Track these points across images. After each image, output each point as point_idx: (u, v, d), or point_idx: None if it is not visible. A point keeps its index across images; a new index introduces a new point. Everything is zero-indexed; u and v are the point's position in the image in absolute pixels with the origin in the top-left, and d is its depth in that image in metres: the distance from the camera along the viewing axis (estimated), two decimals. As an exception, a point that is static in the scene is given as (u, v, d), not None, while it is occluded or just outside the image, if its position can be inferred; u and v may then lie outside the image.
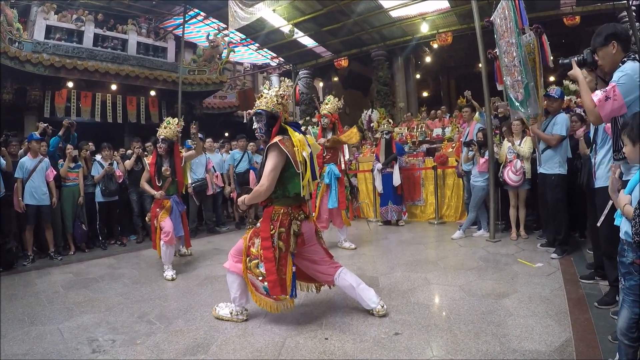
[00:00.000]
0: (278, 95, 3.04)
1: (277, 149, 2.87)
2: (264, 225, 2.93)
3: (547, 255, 4.47)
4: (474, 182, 5.67)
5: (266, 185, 2.83)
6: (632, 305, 1.94)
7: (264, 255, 2.86)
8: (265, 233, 2.90)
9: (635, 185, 1.97)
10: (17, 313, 3.52)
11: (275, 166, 2.85)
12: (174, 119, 4.91)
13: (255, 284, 3.01)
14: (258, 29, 11.76)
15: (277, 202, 2.97)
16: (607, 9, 9.67)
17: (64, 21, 10.84)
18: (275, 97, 3.03)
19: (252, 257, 2.95)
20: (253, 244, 2.98)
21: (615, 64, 2.39)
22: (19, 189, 5.33)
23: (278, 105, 3.03)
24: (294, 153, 2.88)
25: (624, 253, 1.96)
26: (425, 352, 2.49)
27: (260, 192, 2.86)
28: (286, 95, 3.09)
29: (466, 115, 6.23)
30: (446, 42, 11.41)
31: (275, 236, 2.88)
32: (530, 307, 3.07)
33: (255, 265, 2.93)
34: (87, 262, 5.50)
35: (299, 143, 2.94)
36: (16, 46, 9.13)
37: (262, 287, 2.95)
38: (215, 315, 3.21)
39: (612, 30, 2.43)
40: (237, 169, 7.69)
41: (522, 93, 4.71)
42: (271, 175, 2.84)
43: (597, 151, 3.25)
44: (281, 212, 2.92)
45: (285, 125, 3.05)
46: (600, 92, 2.31)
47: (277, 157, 2.86)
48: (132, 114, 11.47)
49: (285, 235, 2.90)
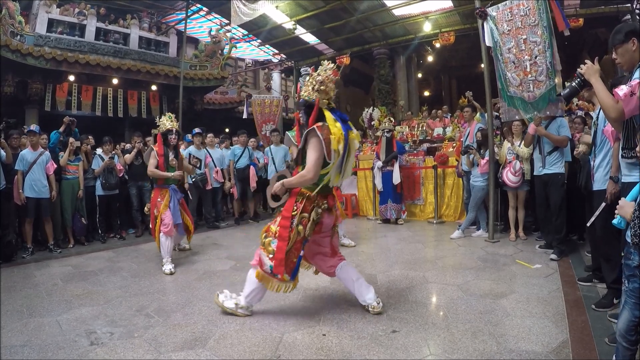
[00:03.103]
0: (316, 81, 2.91)
1: (315, 136, 2.79)
2: (288, 203, 2.92)
3: (546, 257, 4.48)
4: (473, 182, 5.68)
5: (311, 176, 2.79)
6: (633, 308, 1.93)
7: (280, 233, 2.86)
8: (287, 212, 2.88)
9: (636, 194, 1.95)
10: (16, 305, 3.53)
11: (319, 154, 2.78)
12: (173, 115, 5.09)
13: (263, 260, 2.95)
14: (260, 25, 11.74)
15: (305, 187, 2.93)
16: (610, 12, 9.65)
17: (66, 15, 10.81)
18: (311, 84, 2.92)
19: (269, 234, 2.95)
20: (275, 222, 2.97)
21: (634, 62, 2.36)
22: (19, 182, 5.33)
23: (314, 93, 2.90)
24: (329, 141, 2.77)
25: (629, 256, 1.95)
26: (422, 350, 2.50)
27: (304, 179, 2.82)
28: (326, 80, 2.89)
29: (467, 115, 6.24)
30: (449, 42, 11.37)
31: (295, 218, 2.85)
32: (527, 308, 3.08)
33: (269, 243, 2.92)
34: (86, 255, 5.51)
35: (337, 132, 2.80)
36: (18, 39, 9.11)
37: (269, 266, 2.91)
38: (218, 303, 3.17)
39: (632, 28, 2.40)
40: (238, 165, 7.70)
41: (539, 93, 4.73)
42: (316, 165, 2.78)
43: (596, 154, 3.27)
44: (306, 197, 2.89)
45: (326, 111, 2.91)
46: (626, 87, 2.26)
47: (317, 144, 2.78)
48: (133, 108, 11.46)
49: (306, 220, 2.87)
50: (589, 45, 13.44)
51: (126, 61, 10.95)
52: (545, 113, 4.75)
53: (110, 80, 10.82)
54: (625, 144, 2.46)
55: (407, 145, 8.68)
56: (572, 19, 9.90)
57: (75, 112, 10.22)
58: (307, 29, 12.09)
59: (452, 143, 7.86)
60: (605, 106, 2.36)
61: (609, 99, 2.32)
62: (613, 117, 2.35)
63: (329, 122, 2.83)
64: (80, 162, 6.19)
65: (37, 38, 9.68)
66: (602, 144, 3.20)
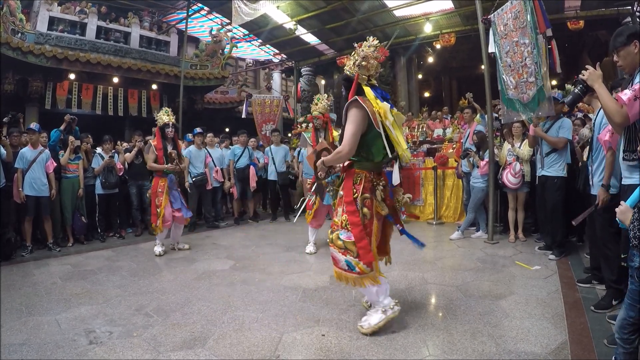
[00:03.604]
0: (359, 56, 2.80)
1: (355, 107, 2.67)
2: (346, 188, 2.79)
3: (545, 258, 4.49)
4: (473, 183, 5.68)
5: (347, 150, 2.65)
6: (628, 308, 1.97)
7: (350, 220, 2.70)
8: (348, 197, 2.74)
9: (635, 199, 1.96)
10: (15, 303, 3.52)
11: (357, 127, 2.66)
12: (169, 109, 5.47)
13: (336, 257, 2.78)
14: (261, 25, 11.72)
15: (359, 164, 2.80)
16: (611, 14, 9.64)
17: (67, 13, 10.82)
18: (354, 59, 2.82)
19: (334, 228, 2.80)
20: (336, 213, 2.83)
21: (636, 64, 2.36)
22: (19, 180, 5.32)
23: (355, 67, 2.80)
24: (373, 112, 2.66)
25: (633, 257, 1.96)
26: (421, 351, 2.50)
27: (340, 155, 2.70)
28: (369, 55, 2.78)
29: (467, 117, 6.24)
30: (449, 43, 11.38)
31: (358, 200, 2.72)
32: (526, 309, 3.09)
33: (337, 237, 2.75)
34: (86, 254, 5.50)
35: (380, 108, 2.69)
36: (19, 37, 9.11)
37: (344, 261, 2.72)
38: (365, 331, 2.75)
39: (634, 30, 2.39)
40: (238, 165, 7.69)
41: (531, 94, 4.72)
42: (352, 139, 2.66)
43: (594, 159, 3.28)
44: (363, 177, 2.77)
45: (365, 87, 2.80)
46: (629, 91, 2.26)
47: (356, 115, 2.66)
48: (133, 107, 11.46)
49: (370, 202, 2.74)
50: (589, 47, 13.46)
51: (127, 60, 10.94)
52: (538, 114, 4.75)
53: (111, 79, 10.81)
54: (626, 146, 2.46)
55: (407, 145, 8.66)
56: (573, 21, 9.92)
57: (75, 110, 10.20)
58: (308, 29, 12.08)
59: (452, 144, 7.87)
60: (609, 112, 2.34)
61: (613, 104, 2.31)
62: (618, 122, 2.33)
63: (370, 98, 2.73)
64: (80, 160, 6.18)
65: (37, 36, 9.68)
66: (599, 150, 3.21)
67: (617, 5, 9.36)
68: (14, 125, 6.03)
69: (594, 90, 2.47)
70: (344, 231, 2.71)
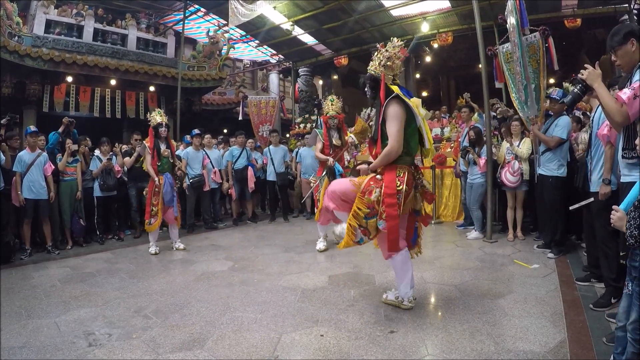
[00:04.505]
0: (383, 56, 2.89)
1: (396, 102, 2.77)
2: (389, 179, 2.81)
3: (544, 257, 4.49)
4: (472, 179, 5.67)
5: (396, 148, 2.74)
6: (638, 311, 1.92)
7: (388, 212, 2.75)
8: (391, 189, 2.77)
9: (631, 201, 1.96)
10: (14, 306, 3.52)
11: (400, 123, 2.75)
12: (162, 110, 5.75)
13: (355, 232, 2.89)
14: (258, 25, 11.72)
15: (401, 160, 2.86)
16: (608, 12, 9.65)
17: (63, 15, 10.81)
18: (378, 59, 2.91)
19: (365, 205, 2.83)
20: (370, 192, 2.84)
21: (634, 63, 2.36)
22: (17, 183, 5.31)
23: (380, 68, 2.89)
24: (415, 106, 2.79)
25: (635, 257, 1.96)
26: (420, 350, 2.51)
27: (390, 154, 2.77)
28: (393, 56, 2.88)
29: (465, 116, 6.25)
30: (447, 42, 11.39)
31: (402, 193, 2.77)
32: (525, 308, 3.09)
33: (364, 215, 2.82)
34: (84, 256, 5.50)
35: (413, 103, 2.83)
36: (16, 40, 9.09)
37: (359, 238, 2.89)
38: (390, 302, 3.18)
39: (630, 29, 2.39)
40: (236, 166, 7.69)
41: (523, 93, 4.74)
42: (399, 135, 2.74)
43: (592, 157, 3.29)
44: (407, 170, 2.84)
45: (393, 86, 2.89)
46: (629, 90, 2.26)
47: (398, 111, 2.75)
48: (131, 109, 11.44)
49: (407, 194, 2.82)
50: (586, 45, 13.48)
51: (124, 62, 10.93)
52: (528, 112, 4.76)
53: (108, 81, 10.80)
54: (625, 144, 2.46)
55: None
56: (570, 20, 9.93)
57: (73, 113, 10.18)
58: (305, 29, 12.08)
59: (450, 143, 7.87)
60: (609, 111, 2.34)
61: (613, 104, 2.31)
62: (618, 122, 2.33)
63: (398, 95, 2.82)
64: (78, 163, 6.17)
65: (34, 39, 9.66)
66: (597, 146, 3.21)
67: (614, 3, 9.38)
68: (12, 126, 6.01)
69: (594, 90, 2.47)
70: (382, 221, 2.79)
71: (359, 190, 2.88)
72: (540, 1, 9.32)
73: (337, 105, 5.39)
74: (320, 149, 5.35)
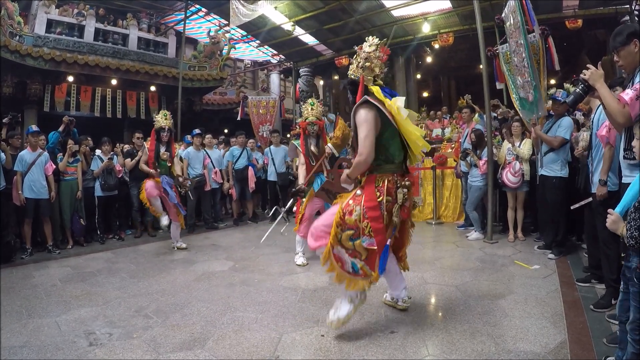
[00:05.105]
0: (360, 58, 2.71)
1: (363, 107, 2.56)
2: (368, 192, 2.60)
3: (544, 258, 4.49)
4: (471, 181, 5.68)
5: (365, 155, 2.51)
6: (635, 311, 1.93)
7: (374, 227, 2.52)
8: (371, 202, 2.55)
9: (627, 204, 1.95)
10: (15, 305, 3.53)
11: (369, 128, 2.51)
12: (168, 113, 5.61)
13: (343, 258, 2.61)
14: (259, 26, 11.72)
15: (380, 169, 2.65)
16: (609, 13, 9.65)
17: (65, 15, 10.84)
18: (356, 62, 2.73)
19: (346, 226, 2.58)
20: (351, 212, 2.58)
21: (636, 63, 2.35)
22: (18, 182, 5.32)
23: (359, 70, 2.70)
24: (389, 107, 2.53)
25: (630, 258, 1.96)
26: (420, 350, 2.51)
27: (359, 162, 2.55)
28: (371, 56, 2.69)
29: (466, 116, 6.25)
30: (447, 43, 11.38)
31: (383, 204, 2.55)
32: (526, 309, 3.09)
33: (348, 238, 2.57)
34: (85, 256, 5.50)
35: (392, 105, 2.57)
36: (17, 40, 9.12)
37: (351, 263, 2.59)
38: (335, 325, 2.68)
39: (633, 29, 2.38)
40: (236, 166, 7.69)
41: (532, 94, 4.73)
42: (367, 142, 2.51)
43: (593, 157, 3.28)
44: (386, 179, 2.61)
45: (373, 87, 2.66)
46: (631, 90, 2.25)
47: (366, 116, 2.52)
48: (131, 109, 11.47)
49: (391, 205, 2.59)
50: (587, 46, 13.47)
51: (125, 62, 10.96)
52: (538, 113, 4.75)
53: (109, 81, 10.82)
54: (626, 145, 2.45)
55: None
56: (571, 20, 9.92)
57: (74, 112, 10.22)
58: (306, 29, 12.08)
59: (451, 144, 7.88)
60: (612, 112, 2.34)
61: (615, 105, 2.31)
62: (620, 123, 2.32)
63: (377, 95, 2.61)
64: (79, 163, 6.17)
65: (36, 39, 9.68)
66: (598, 147, 3.21)
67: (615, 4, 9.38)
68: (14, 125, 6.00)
69: (595, 90, 2.47)
70: (367, 238, 2.54)
71: (340, 211, 2.64)
72: (541, 2, 9.31)
73: (317, 110, 4.89)
74: (303, 161, 4.81)
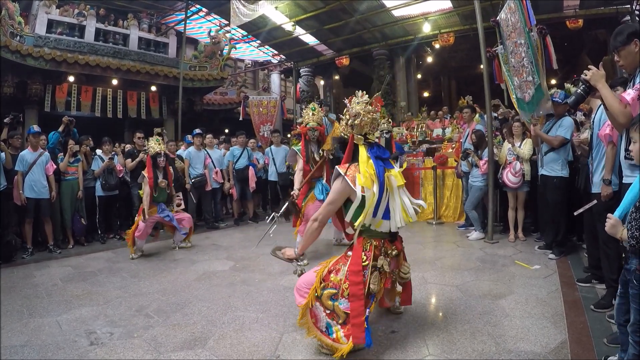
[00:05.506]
0: (350, 115, 2.55)
1: (337, 176, 2.47)
2: (355, 254, 2.45)
3: (545, 258, 4.49)
4: (472, 181, 5.68)
5: (318, 222, 2.47)
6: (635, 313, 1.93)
7: (352, 291, 2.34)
8: (356, 266, 2.39)
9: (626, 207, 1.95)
10: (16, 305, 3.53)
11: (334, 199, 2.46)
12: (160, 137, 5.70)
13: (317, 315, 2.47)
14: (260, 26, 11.75)
15: (367, 232, 2.51)
16: (610, 13, 9.67)
17: (65, 15, 10.84)
18: (345, 119, 2.58)
19: (330, 284, 2.43)
20: (337, 270, 2.47)
21: (637, 63, 2.35)
22: (19, 182, 5.32)
23: (348, 128, 2.56)
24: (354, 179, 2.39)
25: (629, 260, 1.96)
26: (421, 350, 2.51)
27: (310, 227, 2.49)
28: (361, 113, 2.51)
29: (466, 116, 6.25)
30: (448, 43, 11.39)
31: (368, 269, 2.41)
32: (526, 309, 3.09)
33: (329, 296, 2.41)
34: (86, 255, 5.50)
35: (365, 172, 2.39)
36: (18, 40, 9.12)
37: (326, 324, 2.43)
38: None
39: (633, 29, 2.38)
40: (237, 166, 7.69)
41: (530, 94, 4.72)
42: (326, 209, 2.47)
43: (594, 157, 3.28)
44: (373, 244, 2.47)
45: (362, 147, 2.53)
46: (633, 91, 2.24)
47: (337, 187, 2.45)
48: (132, 109, 11.47)
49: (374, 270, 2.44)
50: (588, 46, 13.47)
51: (126, 62, 10.96)
52: (538, 113, 4.75)
53: (110, 81, 10.83)
54: (627, 145, 2.45)
55: (407, 146, 8.68)
56: (572, 20, 9.93)
57: (74, 112, 10.23)
58: (306, 29, 12.10)
59: (452, 144, 7.88)
60: (613, 112, 2.33)
61: (617, 105, 2.30)
62: (622, 123, 2.32)
63: (360, 161, 2.46)
64: (80, 162, 6.17)
65: (36, 39, 9.69)
66: (598, 148, 3.20)
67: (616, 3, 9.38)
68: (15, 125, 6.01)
69: (596, 90, 2.47)
70: (344, 300, 2.37)
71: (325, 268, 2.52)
72: (541, 2, 9.32)
73: (318, 116, 4.81)
74: (302, 167, 4.82)
